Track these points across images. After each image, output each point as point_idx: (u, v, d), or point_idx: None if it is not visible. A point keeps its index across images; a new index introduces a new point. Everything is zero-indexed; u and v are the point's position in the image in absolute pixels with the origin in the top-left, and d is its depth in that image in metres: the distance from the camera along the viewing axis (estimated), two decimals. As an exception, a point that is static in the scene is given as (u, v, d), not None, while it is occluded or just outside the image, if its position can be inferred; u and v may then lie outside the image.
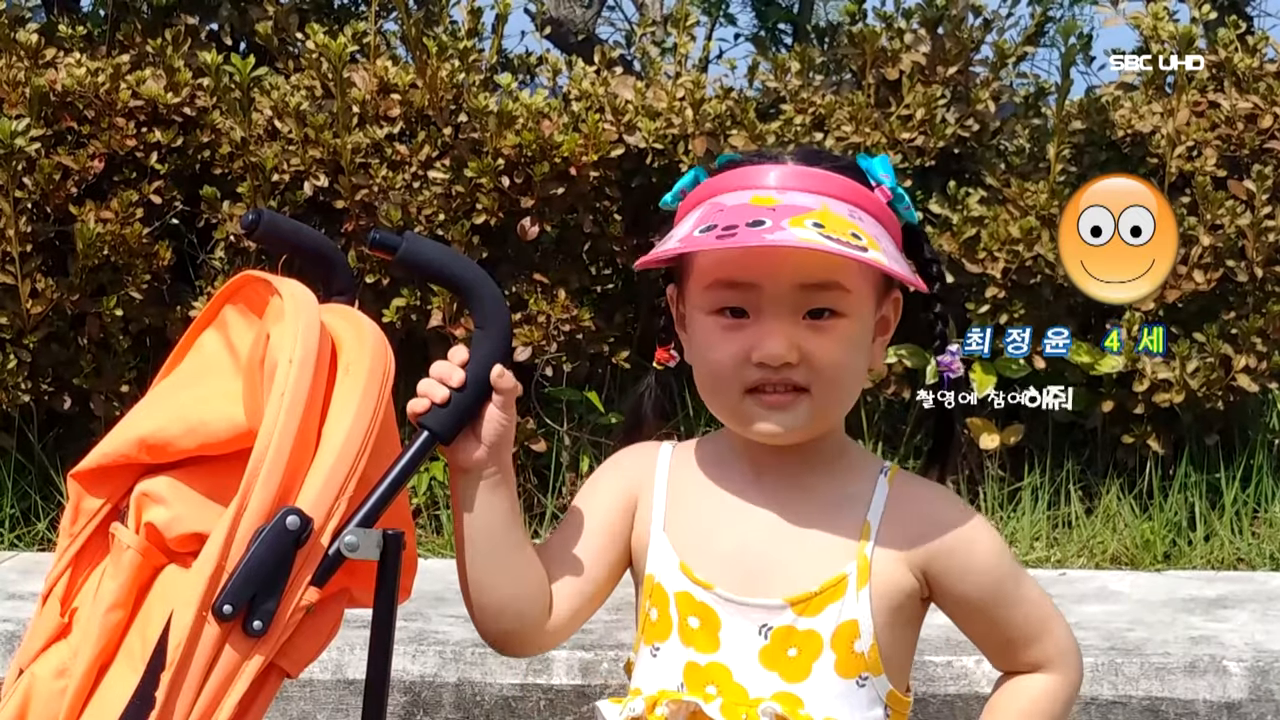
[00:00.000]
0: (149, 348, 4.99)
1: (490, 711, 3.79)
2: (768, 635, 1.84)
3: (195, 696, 1.64)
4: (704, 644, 1.86)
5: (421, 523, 4.94)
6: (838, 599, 1.83)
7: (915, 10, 5.04)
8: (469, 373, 1.80)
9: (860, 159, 1.90)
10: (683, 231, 1.83)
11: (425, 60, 4.89)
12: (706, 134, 4.87)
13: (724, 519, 1.89)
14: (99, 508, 1.80)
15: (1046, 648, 1.92)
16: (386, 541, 1.73)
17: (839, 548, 1.86)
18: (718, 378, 1.84)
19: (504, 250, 4.97)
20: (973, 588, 1.88)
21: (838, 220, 1.78)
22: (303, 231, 1.91)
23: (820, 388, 1.83)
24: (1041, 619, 1.92)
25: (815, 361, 1.81)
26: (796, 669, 1.83)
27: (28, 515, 4.94)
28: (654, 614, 1.89)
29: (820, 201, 1.81)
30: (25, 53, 4.89)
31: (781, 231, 1.74)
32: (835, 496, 1.89)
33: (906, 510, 1.89)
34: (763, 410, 1.84)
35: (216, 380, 1.80)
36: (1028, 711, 1.91)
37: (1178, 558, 4.83)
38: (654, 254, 1.84)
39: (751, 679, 1.84)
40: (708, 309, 1.85)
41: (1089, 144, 5.04)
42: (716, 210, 1.82)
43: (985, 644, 1.94)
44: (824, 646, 1.83)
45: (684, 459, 1.96)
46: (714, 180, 1.88)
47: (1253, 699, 3.76)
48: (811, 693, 1.83)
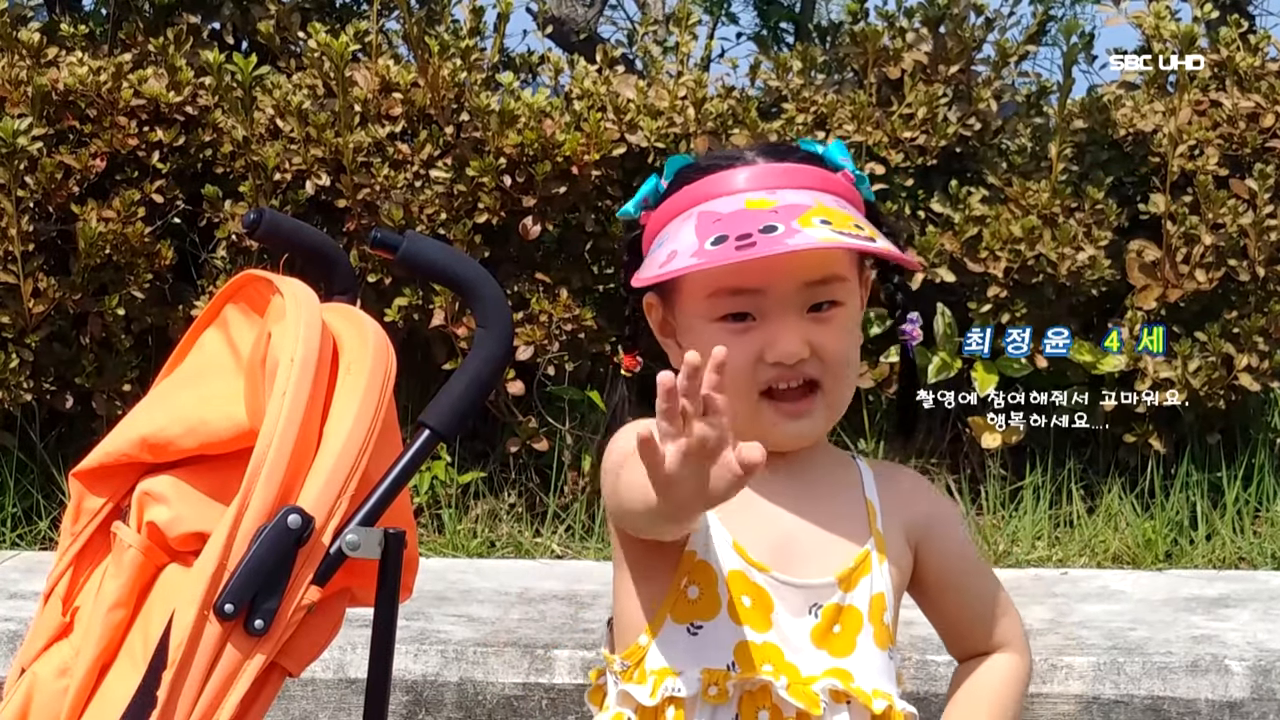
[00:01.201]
0: (151, 347, 4.99)
1: (492, 711, 3.79)
2: (818, 614, 1.86)
3: (197, 695, 1.64)
4: (757, 623, 1.85)
5: (423, 522, 4.94)
6: (868, 573, 1.88)
7: (917, 9, 5.04)
8: (471, 371, 1.80)
9: (806, 144, 1.91)
10: (684, 244, 1.82)
11: (427, 59, 4.90)
12: (708, 133, 4.87)
13: (762, 505, 1.89)
14: (101, 507, 1.80)
15: (1009, 626, 1.97)
16: (388, 540, 1.73)
17: (858, 526, 1.90)
18: (733, 383, 1.82)
19: (506, 249, 4.97)
20: (950, 564, 1.94)
21: (836, 213, 1.80)
22: (304, 230, 1.91)
23: (830, 379, 1.85)
24: (1001, 598, 1.97)
25: (825, 353, 1.84)
26: (843, 644, 1.86)
27: (29, 514, 4.94)
28: (693, 591, 1.85)
29: (814, 197, 1.82)
30: (27, 52, 4.89)
31: (800, 234, 1.74)
32: (836, 482, 1.93)
33: (894, 491, 1.94)
34: (782, 418, 1.85)
35: (218, 379, 1.80)
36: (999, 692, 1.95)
37: (1179, 557, 4.83)
38: (664, 273, 1.81)
39: (803, 658, 1.85)
40: (711, 316, 1.84)
41: (1091, 143, 5.04)
42: (714, 219, 1.81)
43: (955, 623, 1.97)
44: (864, 620, 1.87)
45: None
46: (692, 189, 1.86)
47: (1254, 698, 3.76)
48: (859, 666, 1.86)
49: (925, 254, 4.83)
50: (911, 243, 4.87)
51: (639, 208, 1.92)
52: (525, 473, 5.04)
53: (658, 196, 1.91)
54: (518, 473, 5.04)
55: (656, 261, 1.84)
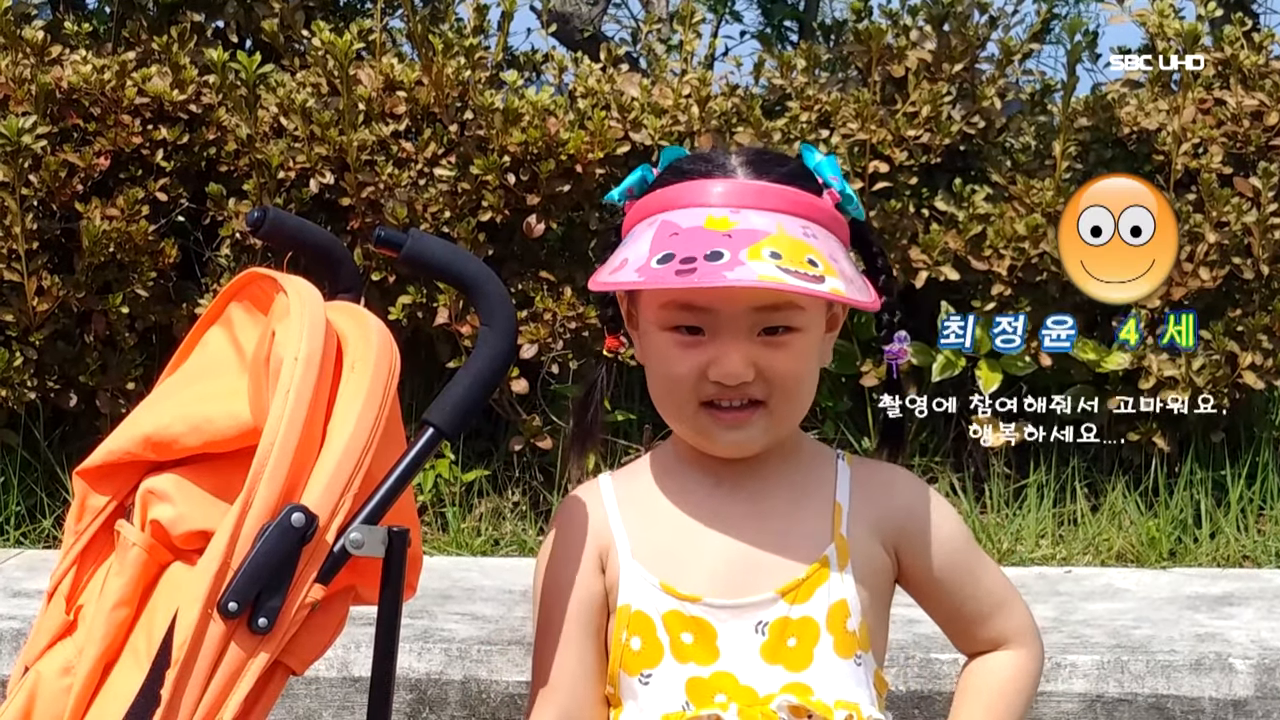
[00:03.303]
0: (155, 345, 4.99)
1: (496, 709, 3.79)
2: (765, 631, 1.84)
3: (200, 694, 1.64)
4: (702, 656, 1.85)
5: (427, 520, 4.94)
6: (824, 581, 1.86)
7: (921, 7, 5.04)
8: (475, 370, 1.80)
9: (806, 156, 1.90)
10: (637, 254, 1.82)
11: (431, 57, 4.90)
12: (712, 131, 4.87)
13: (695, 529, 1.89)
14: (104, 505, 1.80)
15: (1009, 621, 1.96)
16: (392, 538, 1.73)
17: (817, 532, 1.88)
18: (673, 391, 1.86)
19: (510, 248, 4.97)
20: (939, 561, 1.92)
21: (793, 245, 1.78)
22: (308, 229, 1.91)
23: (777, 400, 1.85)
24: (1002, 593, 1.96)
25: (771, 376, 1.83)
26: (799, 658, 1.85)
27: (33, 512, 4.94)
28: (635, 643, 1.88)
29: (775, 222, 1.80)
30: (31, 50, 4.89)
31: (741, 267, 1.74)
32: (801, 484, 1.91)
33: (871, 490, 1.92)
34: (719, 428, 1.85)
35: (222, 378, 1.80)
36: (1002, 690, 1.94)
37: (1183, 555, 4.83)
38: (610, 282, 1.84)
39: (758, 678, 1.84)
40: (664, 325, 1.85)
41: (1095, 141, 5.04)
42: (671, 233, 1.81)
43: (952, 621, 1.97)
44: (821, 630, 1.85)
45: (631, 483, 1.96)
46: (666, 192, 1.86)
47: (1259, 696, 3.76)
48: (818, 678, 1.84)
49: (929, 252, 4.83)
50: (915, 241, 4.87)
51: (623, 196, 1.93)
52: (529, 471, 5.04)
53: (643, 187, 1.91)
54: (521, 471, 5.04)
55: (609, 267, 1.85)
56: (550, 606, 1.92)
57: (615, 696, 1.91)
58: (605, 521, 1.93)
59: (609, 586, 1.91)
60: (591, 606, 1.90)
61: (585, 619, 1.90)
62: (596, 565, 1.91)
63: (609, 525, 1.92)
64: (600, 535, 1.92)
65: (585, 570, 1.91)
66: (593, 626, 1.90)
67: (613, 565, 1.91)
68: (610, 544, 1.91)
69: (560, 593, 1.91)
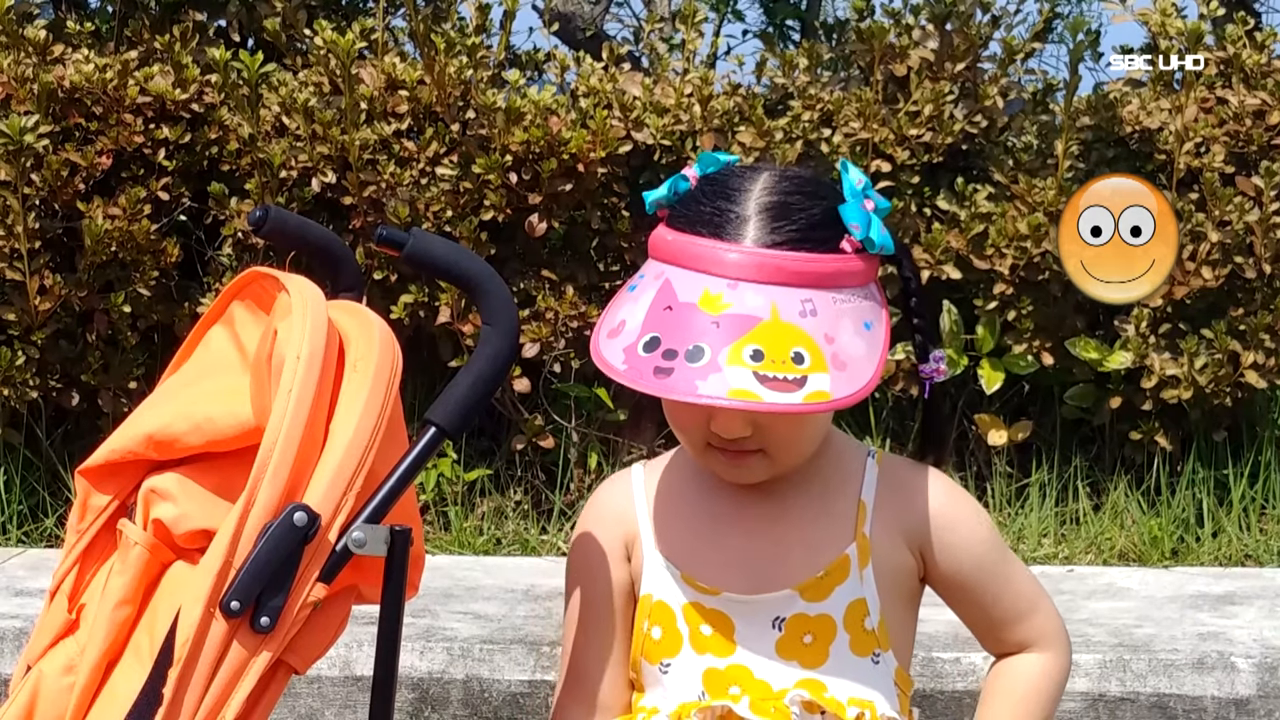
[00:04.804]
0: (157, 344, 4.99)
1: (498, 708, 3.79)
2: (781, 627, 1.86)
3: (203, 693, 1.64)
4: (720, 648, 1.87)
5: (429, 519, 4.94)
6: (844, 580, 1.86)
7: (923, 6, 5.04)
8: (477, 369, 1.80)
9: (844, 169, 1.85)
10: (634, 322, 1.81)
11: (433, 57, 4.90)
12: (714, 130, 4.87)
13: (719, 523, 1.90)
14: (106, 504, 1.80)
15: (1037, 624, 1.95)
16: (394, 538, 1.73)
17: (839, 530, 1.88)
18: (681, 433, 1.88)
19: (512, 247, 4.97)
20: (965, 564, 1.91)
21: (781, 334, 1.75)
22: (310, 228, 1.91)
23: (775, 450, 1.85)
24: (1030, 595, 1.96)
25: (769, 435, 1.83)
26: (814, 655, 1.86)
27: (35, 511, 4.94)
28: (656, 632, 1.90)
29: (769, 303, 1.77)
30: (33, 49, 4.90)
31: (716, 375, 1.72)
32: (828, 482, 1.91)
33: (899, 490, 1.91)
34: (723, 464, 1.87)
35: (224, 377, 1.80)
36: (1026, 692, 1.94)
37: (1185, 554, 4.83)
38: (602, 360, 1.82)
39: (772, 673, 1.85)
40: None
41: (1097, 140, 5.04)
42: (665, 305, 1.79)
43: (978, 623, 1.96)
44: (838, 628, 1.86)
45: (660, 474, 1.97)
46: (679, 241, 1.84)
47: (1261, 695, 3.75)
48: (832, 675, 1.85)
49: (931, 251, 4.83)
50: (917, 240, 4.86)
51: (653, 208, 1.93)
52: (531, 470, 5.04)
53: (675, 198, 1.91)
54: (524, 470, 5.04)
55: (608, 325, 1.85)
56: (578, 591, 1.95)
57: (639, 681, 1.93)
58: (633, 511, 1.95)
59: (634, 575, 1.93)
60: (618, 593, 1.93)
61: (611, 605, 1.93)
62: (623, 553, 1.94)
63: (636, 515, 1.94)
64: (627, 524, 1.94)
65: (613, 558, 1.94)
66: (619, 613, 1.93)
67: (637, 554, 1.93)
68: (636, 533, 1.93)
69: (589, 578, 1.95)
